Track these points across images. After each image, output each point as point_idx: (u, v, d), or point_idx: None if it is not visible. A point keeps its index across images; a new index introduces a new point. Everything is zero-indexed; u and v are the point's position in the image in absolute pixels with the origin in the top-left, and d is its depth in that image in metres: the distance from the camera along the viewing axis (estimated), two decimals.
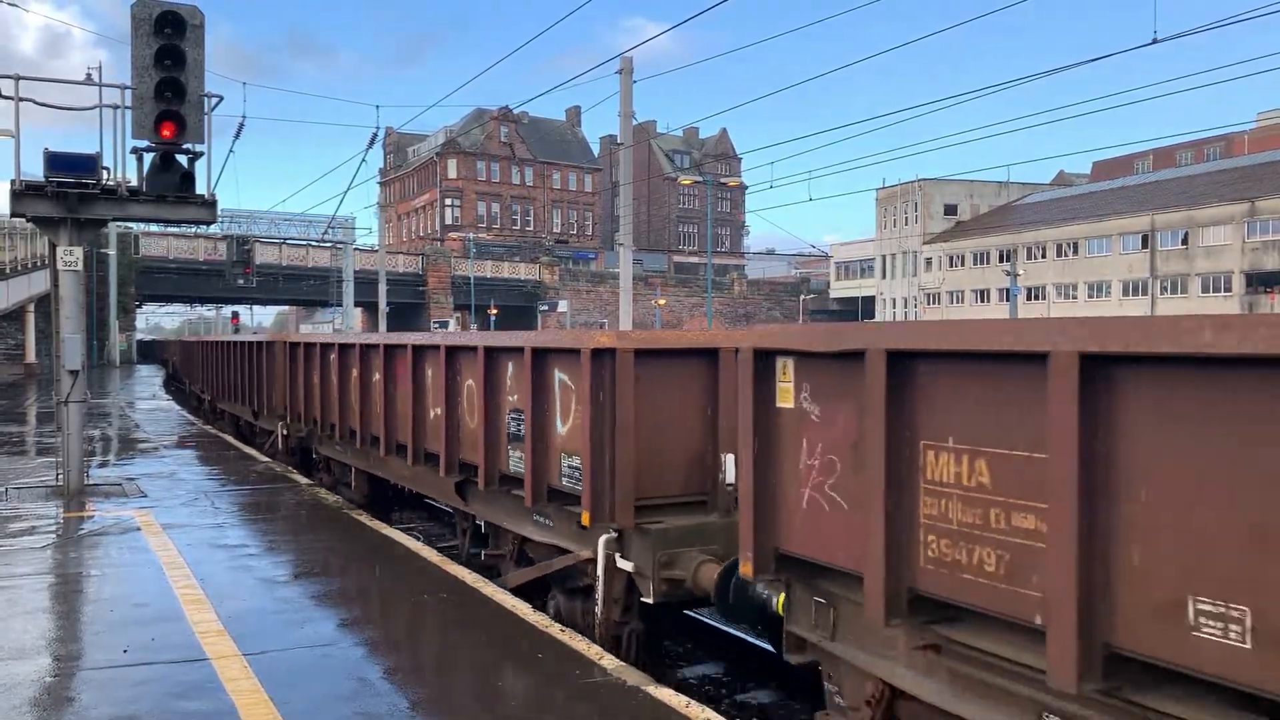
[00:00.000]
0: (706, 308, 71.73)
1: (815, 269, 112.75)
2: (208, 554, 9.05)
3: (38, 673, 5.82)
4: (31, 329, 48.04)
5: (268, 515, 11.24)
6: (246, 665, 5.92)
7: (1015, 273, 57.86)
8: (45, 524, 10.43)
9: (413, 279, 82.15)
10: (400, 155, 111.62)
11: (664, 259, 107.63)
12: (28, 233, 38.68)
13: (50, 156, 11.70)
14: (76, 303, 12.35)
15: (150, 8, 11.46)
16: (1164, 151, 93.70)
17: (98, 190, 11.91)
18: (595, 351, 6.80)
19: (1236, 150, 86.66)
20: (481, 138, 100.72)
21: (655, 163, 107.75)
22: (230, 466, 15.27)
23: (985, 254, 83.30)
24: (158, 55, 11.49)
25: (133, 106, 11.68)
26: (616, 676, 5.77)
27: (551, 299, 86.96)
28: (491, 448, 8.30)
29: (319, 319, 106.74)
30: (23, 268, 39.62)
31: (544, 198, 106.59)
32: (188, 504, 11.77)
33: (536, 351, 7.58)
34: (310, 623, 6.91)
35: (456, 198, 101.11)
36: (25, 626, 6.75)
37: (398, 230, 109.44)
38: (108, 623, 6.88)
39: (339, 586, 7.99)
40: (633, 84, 26.51)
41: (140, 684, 5.62)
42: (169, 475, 14.21)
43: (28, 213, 11.99)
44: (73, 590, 7.84)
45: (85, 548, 9.29)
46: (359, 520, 10.82)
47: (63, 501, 11.77)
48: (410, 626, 7.12)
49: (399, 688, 5.63)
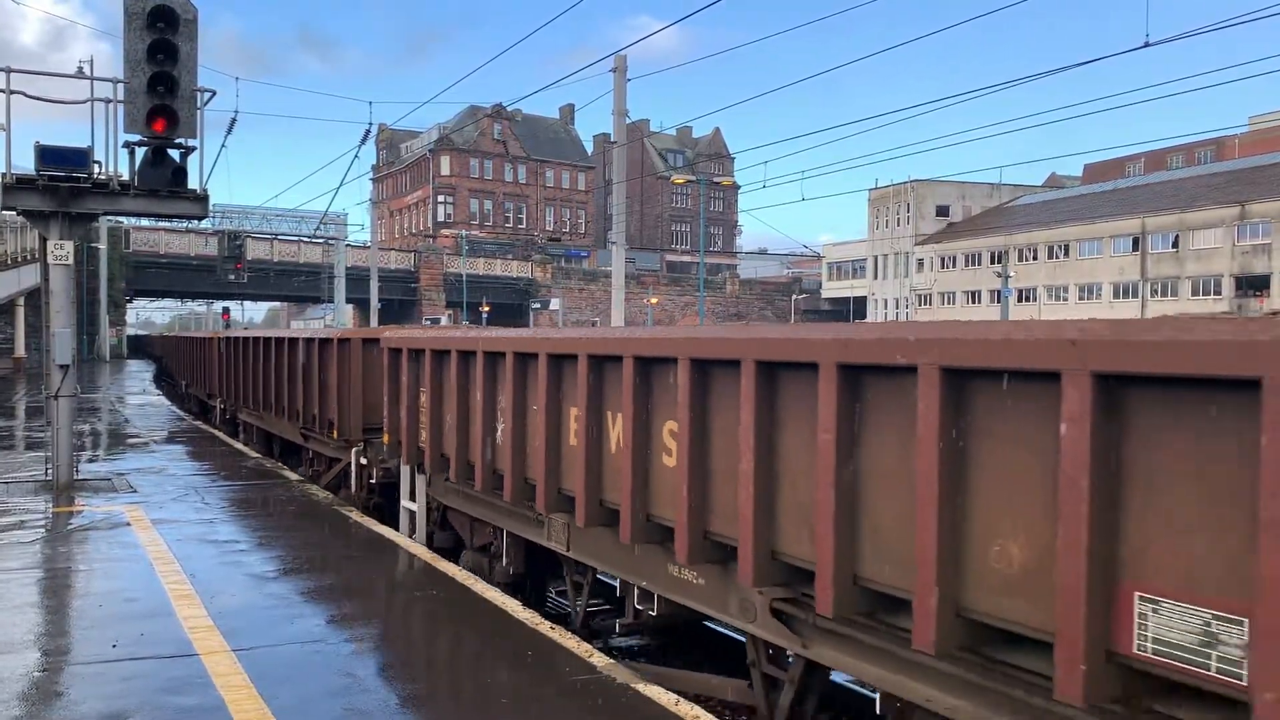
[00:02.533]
0: (699, 307, 71.77)
1: (808, 269, 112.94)
2: (197, 549, 9.03)
3: (26, 667, 5.80)
4: (21, 323, 47.86)
5: (258, 511, 11.23)
6: (236, 661, 5.92)
7: (1007, 274, 58.05)
8: (34, 519, 10.39)
9: (405, 276, 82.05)
10: (393, 152, 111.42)
11: (657, 258, 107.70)
12: (18, 226, 38.54)
13: (42, 150, 11.68)
14: (67, 297, 12.31)
15: (143, 2, 11.42)
16: (1156, 154, 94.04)
17: (89, 184, 11.88)
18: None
19: (1228, 154, 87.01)
20: (475, 135, 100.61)
21: (649, 161, 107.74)
22: (221, 462, 15.24)
23: (977, 255, 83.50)
24: (150, 49, 11.46)
25: (125, 101, 11.65)
26: (606, 674, 5.79)
27: (544, 297, 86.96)
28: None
29: (310, 315, 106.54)
30: (13, 261, 39.48)
31: (537, 195, 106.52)
32: (178, 499, 11.74)
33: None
34: (300, 619, 6.91)
35: (449, 195, 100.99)
36: (13, 621, 6.73)
37: (390, 227, 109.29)
38: (96, 618, 6.86)
39: (329, 582, 7.99)
40: (626, 82, 26.53)
41: (129, 679, 5.62)
42: (159, 470, 14.18)
43: (18, 206, 11.95)
44: (61, 585, 7.82)
45: (74, 543, 9.26)
46: (350, 516, 10.80)
47: (52, 496, 11.73)
48: (400, 623, 7.12)
49: (388, 683, 5.64)
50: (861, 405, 4.37)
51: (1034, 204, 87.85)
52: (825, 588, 4.40)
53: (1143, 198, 75.15)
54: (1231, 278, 65.83)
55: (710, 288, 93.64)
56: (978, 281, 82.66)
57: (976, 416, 3.87)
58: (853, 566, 4.39)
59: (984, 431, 3.85)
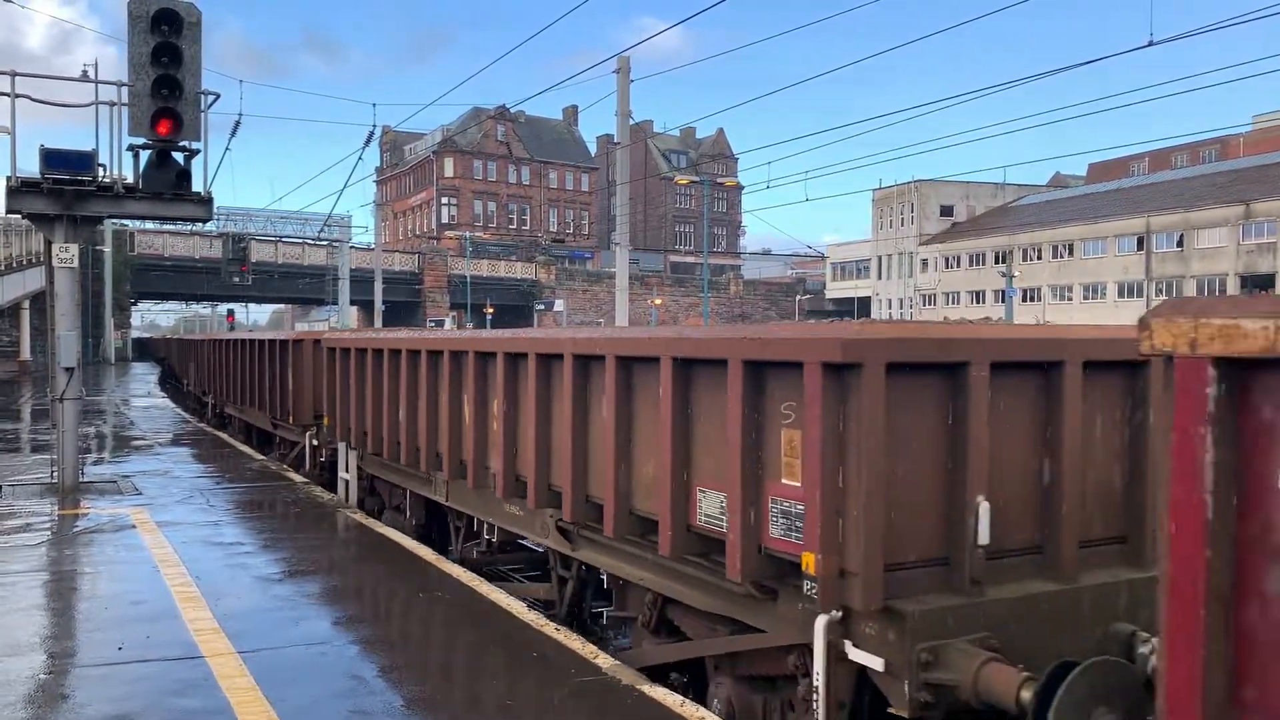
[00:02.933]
0: (703, 308, 71.75)
1: (812, 269, 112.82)
2: (203, 552, 9.04)
3: (32, 670, 5.82)
4: (26, 326, 47.94)
5: (263, 513, 11.24)
6: (242, 663, 5.93)
7: (1011, 274, 57.93)
8: (40, 521, 10.41)
9: (409, 277, 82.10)
10: (397, 154, 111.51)
11: (660, 259, 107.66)
12: (23, 229, 38.63)
13: (46, 153, 11.69)
14: (72, 300, 12.33)
15: (147, 5, 11.45)
16: (1160, 153, 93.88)
17: (94, 187, 11.90)
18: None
19: (1232, 153, 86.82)
20: (478, 136, 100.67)
21: (652, 162, 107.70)
22: (226, 464, 15.26)
23: (981, 255, 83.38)
24: (155, 52, 11.49)
25: (129, 104, 11.67)
26: (611, 675, 5.79)
27: (548, 298, 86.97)
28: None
29: (315, 317, 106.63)
30: (18, 264, 39.57)
31: (540, 197, 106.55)
32: (183, 501, 11.76)
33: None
34: (305, 621, 6.91)
35: (453, 196, 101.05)
36: (20, 623, 6.75)
37: (394, 229, 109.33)
38: (102, 620, 6.88)
39: (335, 585, 8.00)
40: (629, 83, 26.52)
41: (135, 681, 5.63)
42: (164, 473, 14.20)
43: (24, 210, 11.98)
44: (67, 588, 7.83)
45: (80, 545, 9.28)
46: (355, 519, 10.81)
47: (57, 499, 11.75)
48: (406, 625, 7.12)
49: (394, 686, 5.64)
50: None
51: (1038, 204, 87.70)
52: (568, 504, 6.79)
53: (1147, 197, 75.00)
54: (1236, 276, 65.69)
55: (714, 288, 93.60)
56: (982, 281, 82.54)
57: (636, 390, 6.13)
58: (585, 490, 6.72)
59: (646, 401, 6.02)
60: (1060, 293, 77.08)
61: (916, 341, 4.68)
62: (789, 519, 4.86)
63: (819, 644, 4.68)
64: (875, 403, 4.46)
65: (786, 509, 4.88)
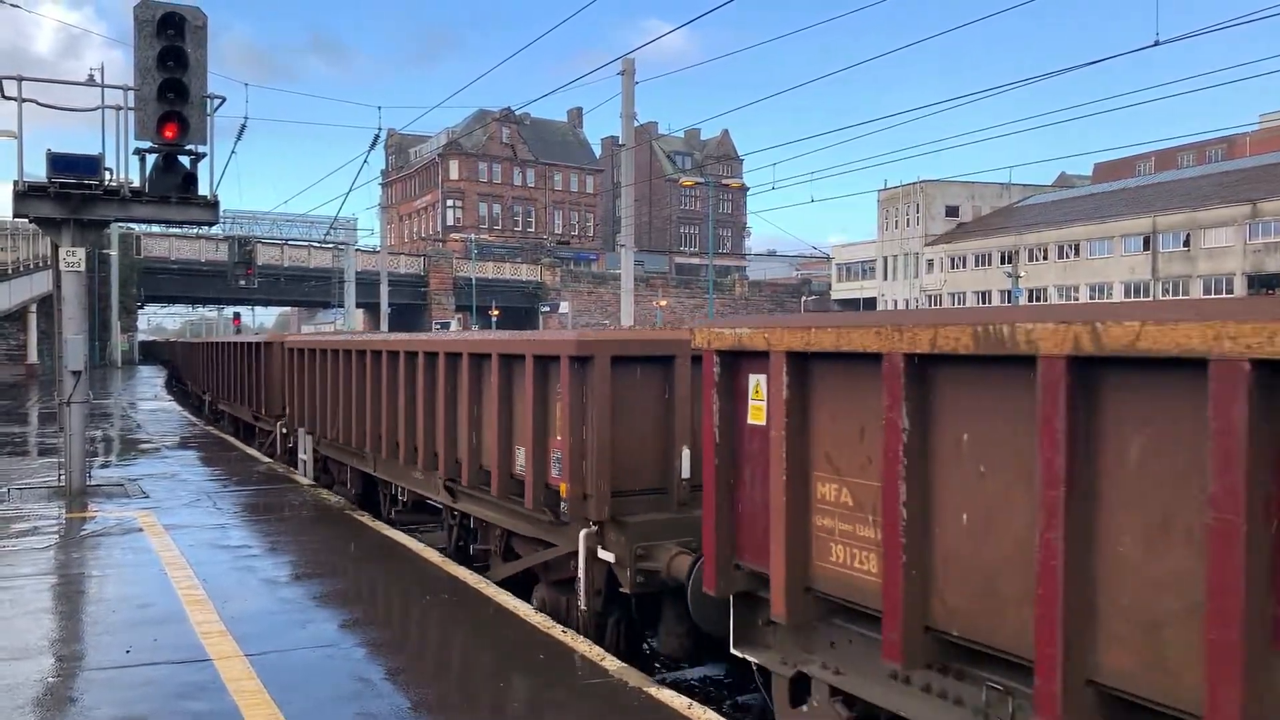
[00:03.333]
0: (708, 309, 71.71)
1: (817, 270, 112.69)
2: (210, 555, 9.06)
3: (40, 673, 5.83)
4: (33, 329, 48.04)
5: (270, 516, 11.25)
6: (249, 666, 5.93)
7: (1017, 274, 57.87)
8: (48, 524, 10.44)
9: (414, 280, 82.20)
10: (402, 156, 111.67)
11: (665, 260, 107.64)
12: (30, 233, 38.73)
13: (53, 158, 11.73)
14: (79, 303, 12.37)
15: (153, 9, 11.48)
16: (1166, 153, 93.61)
17: (100, 191, 11.93)
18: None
19: (1239, 152, 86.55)
20: (483, 139, 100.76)
21: (657, 164, 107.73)
22: (232, 467, 15.28)
23: (987, 255, 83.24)
24: (161, 56, 11.52)
25: (135, 108, 11.71)
26: (618, 677, 5.78)
27: (553, 300, 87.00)
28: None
29: (320, 320, 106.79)
30: (25, 268, 39.68)
31: (545, 199, 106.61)
32: (190, 505, 11.78)
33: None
34: (312, 623, 6.92)
35: (458, 199, 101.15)
36: (28, 627, 6.76)
37: (399, 231, 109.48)
38: (110, 623, 6.89)
39: (341, 587, 8.00)
40: (634, 85, 26.54)
41: (143, 684, 5.63)
42: (171, 476, 14.23)
43: (30, 214, 12.01)
44: (75, 591, 7.85)
45: (87, 548, 9.30)
46: (361, 521, 10.82)
47: (65, 502, 11.78)
48: (412, 627, 7.13)
49: (401, 688, 5.64)
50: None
51: (1044, 204, 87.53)
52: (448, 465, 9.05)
53: (1153, 197, 74.82)
54: (1244, 276, 65.50)
55: (719, 289, 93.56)
56: (988, 282, 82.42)
57: (483, 378, 8.27)
58: (455, 455, 8.87)
59: (488, 386, 8.09)
60: (1066, 293, 76.91)
61: (632, 342, 7.07)
62: (559, 463, 7.13)
63: (581, 548, 6.95)
64: (603, 383, 6.76)
65: (557, 456, 7.16)
